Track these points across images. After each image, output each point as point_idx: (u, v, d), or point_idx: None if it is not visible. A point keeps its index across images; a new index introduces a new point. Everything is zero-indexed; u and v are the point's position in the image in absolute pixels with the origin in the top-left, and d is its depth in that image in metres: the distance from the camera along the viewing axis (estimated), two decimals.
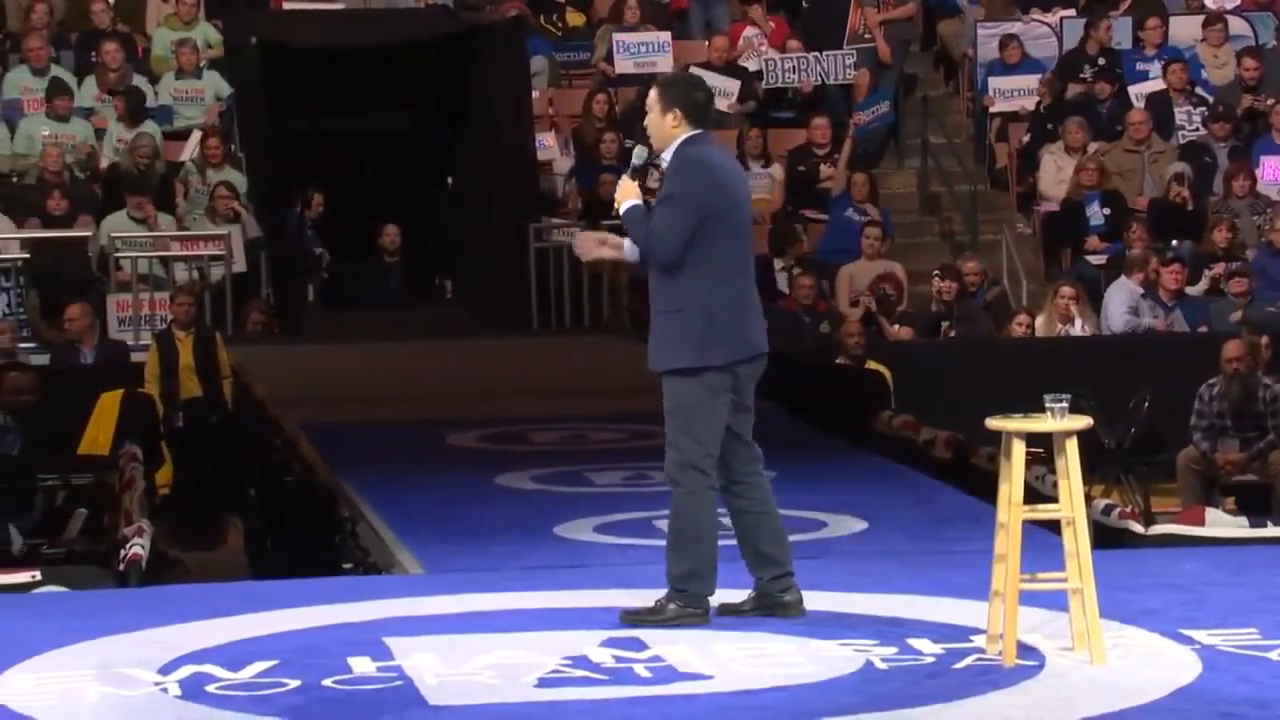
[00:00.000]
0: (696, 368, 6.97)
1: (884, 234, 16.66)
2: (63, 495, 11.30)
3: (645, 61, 18.35)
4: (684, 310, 6.97)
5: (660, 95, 7.12)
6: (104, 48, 17.25)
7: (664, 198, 7.01)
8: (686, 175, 7.02)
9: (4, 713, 6.13)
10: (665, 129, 7.10)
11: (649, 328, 7.16)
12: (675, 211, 6.96)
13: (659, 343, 7.03)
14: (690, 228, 6.93)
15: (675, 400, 7.01)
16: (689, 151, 7.06)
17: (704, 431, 6.98)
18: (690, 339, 6.96)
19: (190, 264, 15.92)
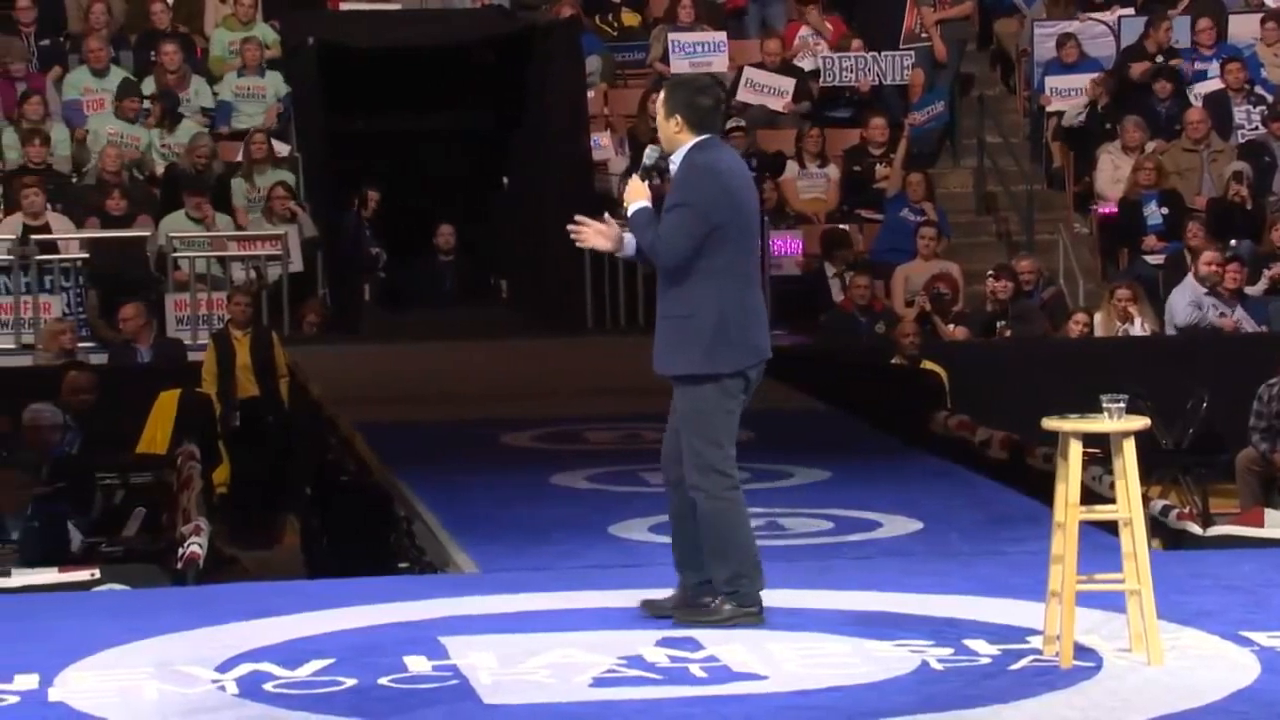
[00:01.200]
0: (707, 374, 6.97)
1: (939, 234, 16.62)
2: (121, 494, 11.36)
3: (701, 61, 18.34)
4: (693, 316, 6.96)
5: (666, 99, 7.13)
6: (163, 48, 17.36)
7: (674, 204, 6.99)
8: (696, 183, 7.00)
9: (64, 710, 6.18)
10: (669, 133, 7.11)
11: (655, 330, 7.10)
12: (685, 219, 6.94)
13: (666, 346, 7.02)
14: (699, 235, 6.93)
15: (690, 407, 7.01)
16: (698, 158, 7.05)
17: (722, 434, 6.99)
18: (699, 344, 6.96)
19: (247, 264, 16.01)
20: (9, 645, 6.91)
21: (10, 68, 17.20)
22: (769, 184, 16.62)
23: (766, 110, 18.18)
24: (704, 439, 6.97)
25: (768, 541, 8.57)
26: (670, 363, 7.03)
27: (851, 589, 7.59)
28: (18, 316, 15.43)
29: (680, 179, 7.04)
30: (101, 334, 15.38)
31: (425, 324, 16.06)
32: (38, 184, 15.92)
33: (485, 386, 13.40)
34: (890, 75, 18.18)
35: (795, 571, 7.90)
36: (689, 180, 7.01)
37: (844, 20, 18.97)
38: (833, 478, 10.01)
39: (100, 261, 15.64)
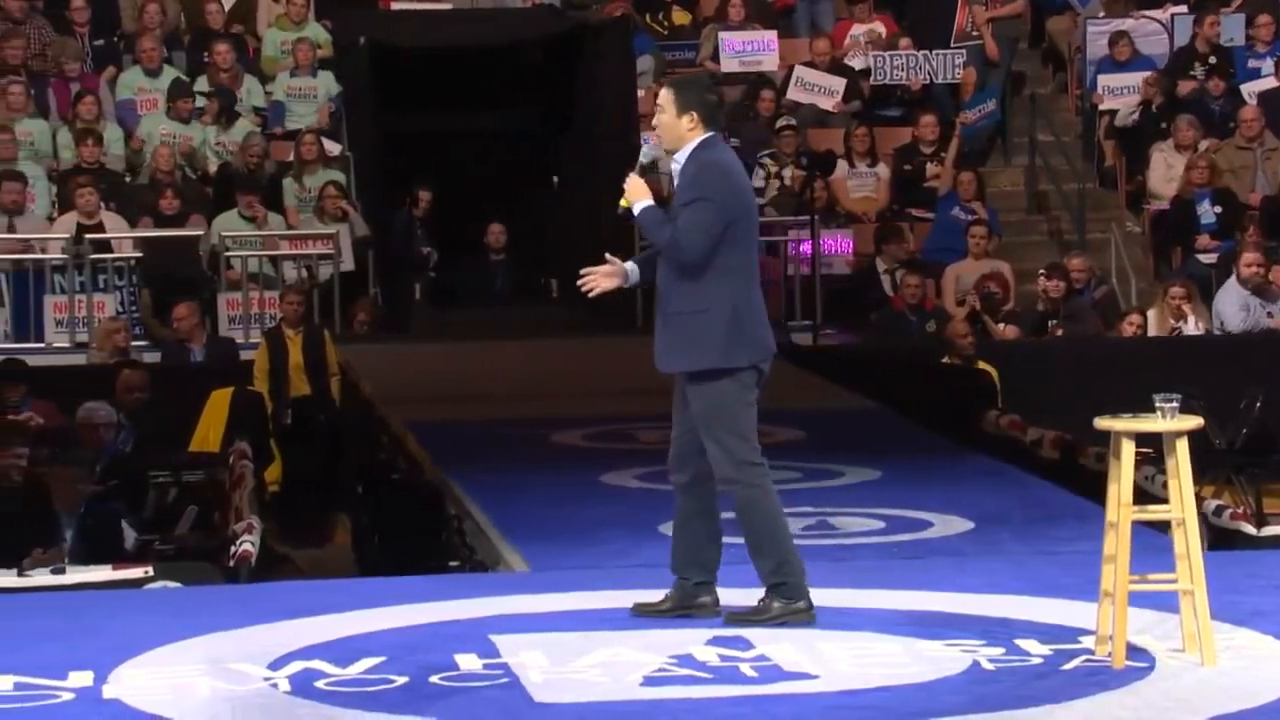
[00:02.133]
0: (724, 369, 6.96)
1: (990, 233, 16.57)
2: (174, 492, 11.40)
3: (751, 60, 18.34)
4: (707, 311, 6.96)
5: (676, 96, 7.11)
6: (215, 48, 17.44)
7: (692, 199, 6.97)
8: (711, 179, 7.01)
9: (117, 707, 6.21)
10: (680, 131, 7.09)
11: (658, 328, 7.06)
12: (705, 214, 6.94)
13: (677, 344, 7.00)
14: (718, 231, 6.94)
15: (710, 402, 6.99)
16: (708, 155, 7.05)
17: (746, 426, 7.02)
18: (715, 340, 6.95)
19: (299, 263, 16.07)
20: (63, 642, 6.96)
21: (65, 68, 17.30)
22: (819, 183, 16.60)
23: (816, 109, 18.15)
24: (730, 434, 6.97)
25: (818, 541, 8.58)
26: (683, 360, 7.01)
27: (902, 588, 7.58)
28: (72, 315, 15.54)
29: (694, 175, 7.03)
30: (155, 333, 15.46)
31: (476, 323, 16.08)
32: (92, 183, 16.01)
33: (535, 385, 13.42)
34: (941, 74, 18.13)
35: (846, 571, 7.89)
36: (704, 176, 7.02)
37: (894, 19, 18.93)
38: (883, 477, 10.00)
39: (153, 261, 15.72)
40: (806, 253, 16.37)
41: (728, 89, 18.27)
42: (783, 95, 18.11)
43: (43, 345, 15.34)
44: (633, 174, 7.16)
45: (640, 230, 7.11)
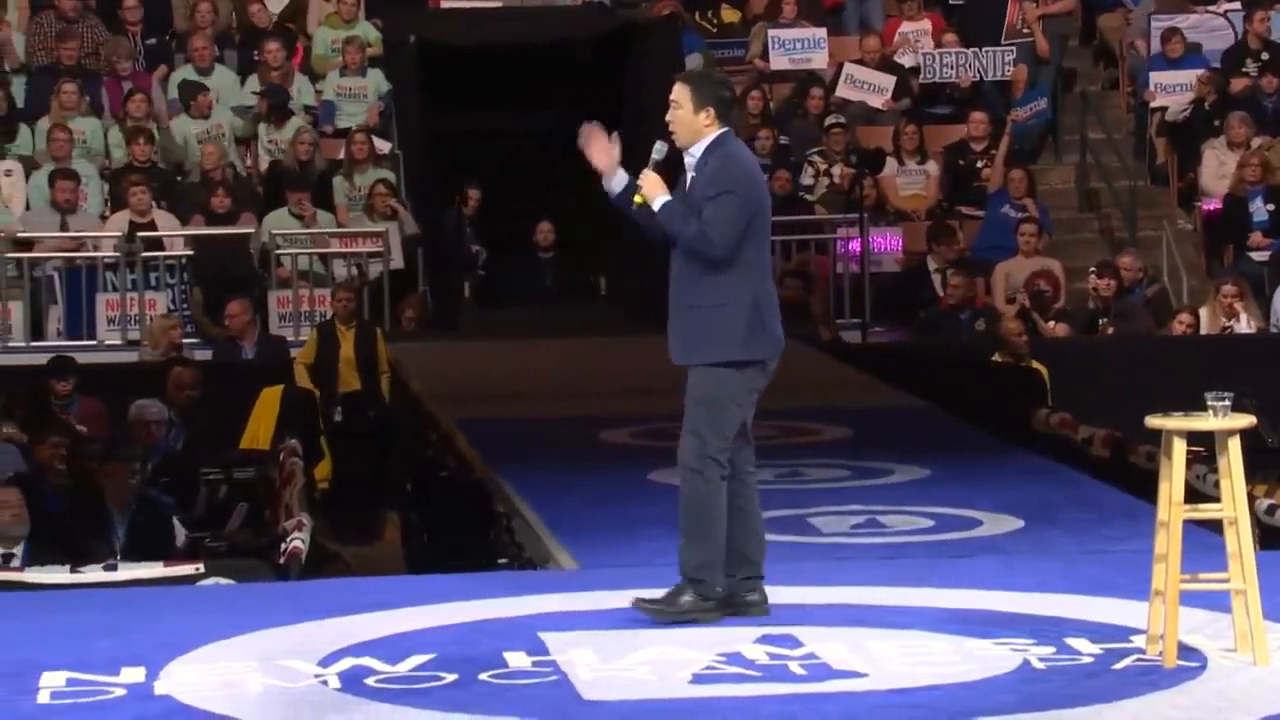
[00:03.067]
0: (739, 362, 6.97)
1: (1041, 230, 16.51)
2: (225, 489, 11.46)
3: (800, 58, 18.32)
4: (727, 305, 6.96)
5: (693, 92, 7.08)
6: (265, 47, 17.51)
7: (717, 193, 6.97)
8: (734, 173, 7.01)
9: (169, 703, 6.24)
10: (697, 126, 7.07)
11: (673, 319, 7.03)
12: (732, 207, 6.95)
13: (695, 336, 6.98)
14: (744, 224, 6.96)
15: (708, 392, 6.98)
16: (728, 150, 7.05)
17: (729, 425, 7.01)
18: (735, 334, 6.95)
19: (349, 261, 16.12)
20: (115, 638, 6.99)
21: (117, 67, 17.40)
22: (868, 181, 16.57)
23: (866, 107, 18.12)
24: (713, 427, 6.98)
25: (867, 539, 8.57)
26: (702, 353, 6.99)
27: (952, 587, 7.55)
28: (124, 313, 15.62)
29: (717, 169, 7.01)
30: (206, 330, 15.53)
31: (524, 321, 16.10)
32: (143, 182, 16.09)
33: (584, 383, 13.43)
34: (992, 71, 18.08)
35: (895, 569, 7.88)
36: (727, 170, 7.01)
37: (943, 16, 18.88)
38: (933, 475, 9.97)
39: (204, 259, 15.79)
40: (855, 251, 16.34)
41: (777, 87, 18.27)
42: (831, 93, 18.08)
43: (95, 343, 15.43)
44: (648, 170, 7.13)
45: (663, 225, 7.04)
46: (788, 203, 16.86)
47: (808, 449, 10.76)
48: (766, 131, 17.30)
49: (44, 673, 6.52)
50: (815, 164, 17.29)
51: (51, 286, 15.80)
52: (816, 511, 9.04)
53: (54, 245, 15.94)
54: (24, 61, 17.59)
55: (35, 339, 15.50)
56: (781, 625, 6.97)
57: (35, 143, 16.79)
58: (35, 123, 16.88)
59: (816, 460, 10.37)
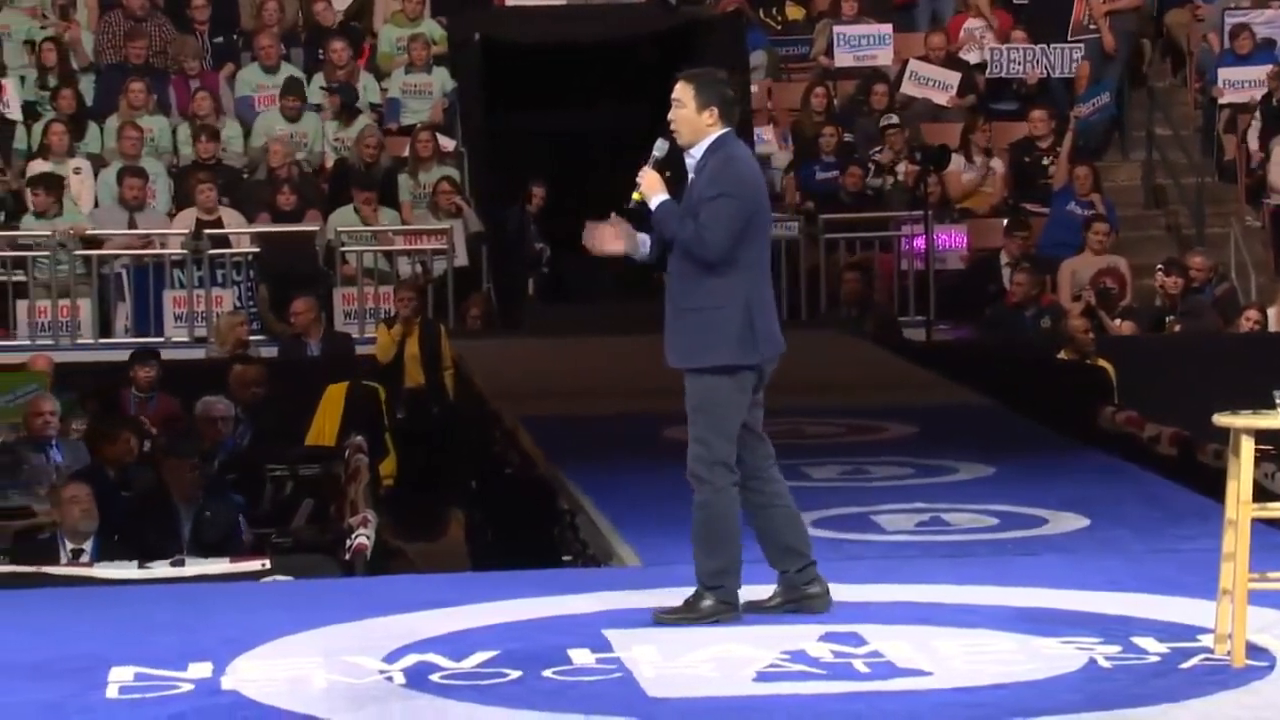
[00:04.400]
0: (734, 365, 6.95)
1: (1108, 228, 16.42)
2: (290, 485, 11.52)
3: (865, 54, 18.27)
4: (723, 308, 6.93)
5: (696, 91, 7.04)
6: (331, 45, 17.59)
7: (716, 195, 6.93)
8: (735, 174, 6.98)
9: (235, 698, 6.27)
10: (699, 126, 7.03)
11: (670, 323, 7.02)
12: (729, 210, 6.91)
13: (691, 339, 6.95)
14: (740, 227, 6.92)
15: (706, 398, 6.95)
16: (729, 150, 7.01)
17: (732, 429, 6.98)
18: (729, 337, 6.93)
19: (413, 258, 16.17)
20: (183, 634, 7.04)
21: (185, 65, 17.52)
22: (933, 178, 16.51)
23: (930, 104, 18.06)
24: (716, 432, 6.95)
25: (931, 537, 8.54)
26: (696, 356, 6.96)
27: (1017, 585, 7.52)
28: (191, 310, 15.72)
29: (718, 170, 6.98)
30: (272, 328, 15.61)
31: (588, 318, 16.10)
32: (211, 179, 16.19)
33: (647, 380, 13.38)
34: (1059, 68, 18.00)
35: (960, 567, 7.85)
36: (728, 171, 6.97)
37: (1010, 13, 18.80)
38: (998, 473, 9.93)
39: (270, 256, 15.87)
40: (920, 248, 16.29)
41: (841, 84, 18.22)
42: (896, 89, 18.03)
43: (162, 340, 15.53)
44: (648, 169, 7.11)
45: (658, 225, 7.02)
46: (859, 199, 16.83)
47: (872, 447, 10.73)
48: (831, 129, 17.27)
49: (112, 667, 6.56)
50: (879, 162, 17.25)
51: (120, 284, 15.92)
52: (881, 509, 9.02)
53: (122, 243, 16.06)
54: (93, 60, 17.73)
55: (103, 336, 15.62)
56: (846, 623, 6.96)
57: (104, 141, 16.92)
58: (104, 121, 17.01)
59: (881, 458, 10.34)
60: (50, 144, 16.41)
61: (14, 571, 8.63)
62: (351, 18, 18.35)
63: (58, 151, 16.38)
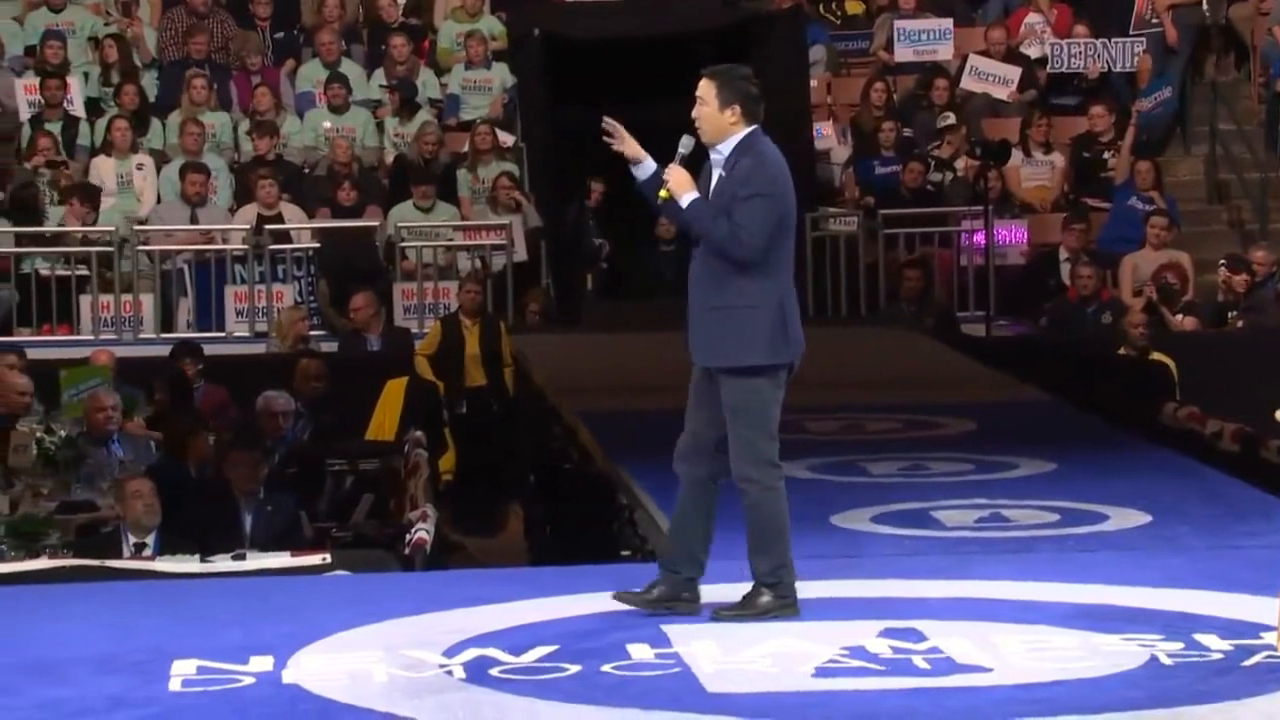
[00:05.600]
0: (769, 365, 6.93)
1: (1169, 222, 16.33)
2: (350, 480, 11.56)
3: (925, 49, 18.21)
4: (758, 308, 6.91)
5: (719, 89, 7.02)
6: (391, 41, 17.65)
7: (751, 194, 6.91)
8: (769, 174, 6.96)
9: (296, 691, 6.31)
10: (722, 124, 7.01)
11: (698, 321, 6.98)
12: (765, 210, 6.90)
13: (725, 338, 6.92)
14: (774, 227, 6.91)
15: (747, 398, 6.93)
16: (761, 149, 6.99)
17: (774, 425, 6.96)
18: (763, 336, 6.91)
19: (473, 254, 16.21)
20: (245, 627, 7.08)
21: (247, 61, 17.60)
22: (993, 173, 16.45)
23: (990, 99, 17.99)
24: (759, 431, 6.93)
25: (992, 534, 8.51)
26: (731, 355, 6.93)
27: (1078, 582, 7.49)
28: (252, 305, 15.80)
29: (751, 169, 6.95)
30: (332, 322, 15.67)
31: (646, 314, 16.08)
32: (271, 175, 16.27)
33: None
34: (1120, 62, 17.90)
35: (1021, 564, 7.82)
36: (761, 171, 6.95)
37: (1071, 7, 18.71)
38: (1058, 469, 9.89)
39: (331, 251, 15.93)
40: (979, 243, 16.24)
41: (900, 79, 18.17)
42: (956, 84, 17.97)
43: (223, 334, 15.62)
44: (676, 165, 7.07)
45: (689, 223, 6.97)
46: (918, 195, 16.79)
47: (931, 443, 10.70)
48: (890, 124, 17.22)
49: (175, 660, 6.61)
50: (938, 157, 17.19)
51: (181, 279, 16.01)
52: (940, 505, 8.99)
53: (184, 239, 16.15)
54: (155, 57, 17.84)
55: (165, 331, 15.71)
56: (905, 619, 6.94)
57: (166, 137, 17.02)
58: (166, 117, 17.11)
59: (940, 454, 10.31)
60: (113, 140, 16.52)
61: (77, 565, 8.69)
62: (412, 14, 18.41)
63: (121, 148, 16.49)
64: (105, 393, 12.09)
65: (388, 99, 17.39)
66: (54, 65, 17.18)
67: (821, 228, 16.43)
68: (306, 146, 17.16)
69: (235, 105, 17.45)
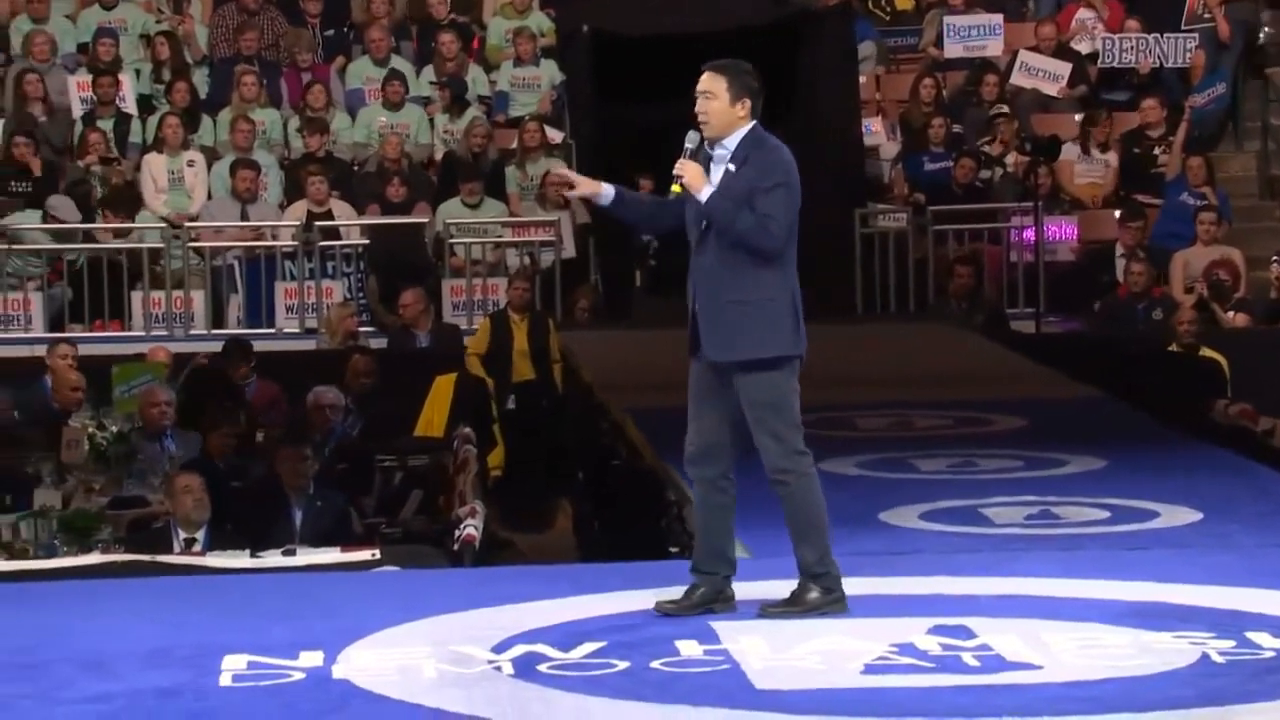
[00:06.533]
0: (788, 356, 6.95)
1: (1220, 218, 16.24)
2: (399, 476, 11.59)
3: (975, 45, 18.15)
4: (775, 300, 6.93)
5: (729, 83, 7.02)
6: (440, 38, 17.70)
7: (774, 185, 6.92)
8: (785, 166, 6.97)
9: (346, 687, 6.33)
10: (732, 117, 7.00)
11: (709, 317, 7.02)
12: (787, 200, 6.92)
13: (746, 332, 6.92)
14: (794, 218, 6.93)
15: (772, 392, 6.93)
16: (771, 142, 7.01)
17: (797, 416, 6.98)
18: (783, 328, 6.93)
19: (521, 250, 16.23)
20: (294, 623, 7.10)
21: (297, 58, 17.67)
22: (1043, 169, 16.39)
23: (1039, 94, 17.92)
24: (786, 423, 6.94)
25: (1041, 531, 8.48)
26: (751, 349, 6.93)
27: (1129, 579, 7.46)
28: (301, 301, 15.85)
29: (767, 161, 6.95)
30: (381, 319, 15.71)
31: None
32: (321, 171, 16.32)
33: None
34: (1173, 57, 17.81)
35: (1071, 561, 7.80)
36: (779, 162, 6.97)
37: (1122, 2, 18.62)
38: (1108, 466, 9.85)
39: (380, 247, 15.98)
40: (1029, 239, 16.18)
41: (950, 75, 18.12)
42: (1006, 80, 17.90)
43: (273, 331, 15.68)
44: (689, 160, 7.05)
45: (710, 218, 6.95)
46: (968, 191, 16.73)
47: (981, 439, 10.67)
48: (939, 120, 17.17)
49: (226, 655, 6.63)
50: (988, 153, 17.14)
51: (232, 275, 16.08)
52: (990, 502, 8.97)
53: (235, 235, 16.22)
54: (206, 54, 17.92)
55: (216, 327, 15.78)
56: (955, 616, 6.93)
57: (217, 133, 17.10)
58: (217, 114, 17.18)
59: (990, 450, 10.28)
60: (165, 137, 16.60)
61: (129, 560, 8.74)
62: (461, 11, 18.45)
63: (172, 145, 16.56)
64: (159, 388, 12.16)
65: (437, 96, 17.42)
66: (106, 63, 17.28)
67: (870, 224, 16.40)
68: (356, 143, 17.22)
69: (285, 102, 17.51)
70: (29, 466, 11.08)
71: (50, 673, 6.51)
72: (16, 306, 15.72)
